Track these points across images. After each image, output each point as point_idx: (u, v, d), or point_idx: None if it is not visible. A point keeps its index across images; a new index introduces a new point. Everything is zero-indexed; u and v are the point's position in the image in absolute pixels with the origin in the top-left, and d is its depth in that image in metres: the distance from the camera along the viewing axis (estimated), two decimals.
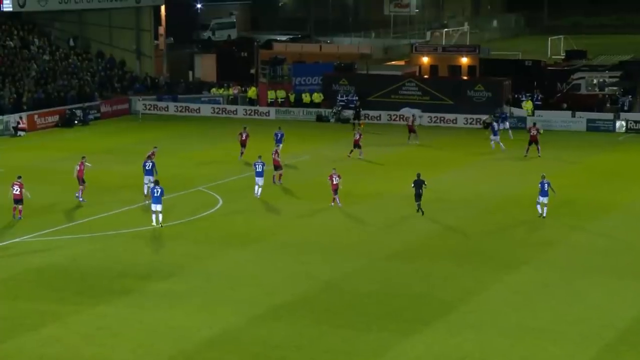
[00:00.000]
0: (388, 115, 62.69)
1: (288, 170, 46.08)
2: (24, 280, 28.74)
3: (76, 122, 61.49)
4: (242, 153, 48.09)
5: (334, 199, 38.84)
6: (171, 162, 48.21)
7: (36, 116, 60.15)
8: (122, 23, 73.43)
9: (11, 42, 68.18)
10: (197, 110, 66.99)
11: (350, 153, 49.17)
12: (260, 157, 41.18)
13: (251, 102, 68.79)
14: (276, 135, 49.44)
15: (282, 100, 67.71)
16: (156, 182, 36.27)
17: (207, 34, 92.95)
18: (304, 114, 65.09)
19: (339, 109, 63.61)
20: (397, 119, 62.27)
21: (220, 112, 66.86)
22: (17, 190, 36.26)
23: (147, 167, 39.78)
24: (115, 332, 24.80)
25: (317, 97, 66.63)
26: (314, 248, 32.95)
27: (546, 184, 36.94)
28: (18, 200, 36.30)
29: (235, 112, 66.58)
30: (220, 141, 49.09)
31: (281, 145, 47.45)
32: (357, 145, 49.05)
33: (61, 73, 67.46)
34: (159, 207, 35.37)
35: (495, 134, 51.29)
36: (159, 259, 31.36)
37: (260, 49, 77.05)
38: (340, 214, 37.78)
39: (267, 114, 66.01)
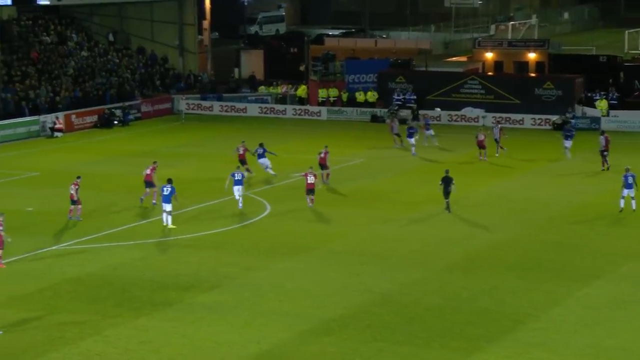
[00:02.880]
0: (448, 115, 62.47)
1: (339, 174, 46.20)
2: (62, 291, 29.17)
3: (115, 122, 62.27)
4: (247, 170, 44.22)
5: (311, 199, 39.40)
6: (215, 166, 48.58)
7: (73, 116, 61.03)
8: (164, 17, 74.16)
9: (48, 38, 69.27)
10: (244, 110, 67.38)
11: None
12: (238, 167, 41.47)
13: (301, 101, 69.02)
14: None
15: (334, 99, 67.82)
16: (168, 181, 36.58)
17: (254, 29, 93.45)
18: (358, 114, 65.14)
19: (396, 108, 63.53)
20: (459, 119, 62.04)
21: (268, 111, 67.19)
22: (72, 189, 37.33)
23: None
24: (157, 347, 25.04)
25: (372, 96, 66.65)
26: (368, 258, 32.95)
27: (630, 177, 36.53)
28: (74, 201, 37.29)
29: (284, 112, 66.88)
30: (268, 143, 49.18)
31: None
32: (481, 146, 48.90)
33: (100, 70, 68.36)
34: (167, 207, 35.97)
35: (567, 138, 49.30)
36: (203, 269, 31.59)
37: (311, 44, 77.27)
38: (395, 222, 37.74)
39: (318, 114, 66.16)
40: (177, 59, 74.44)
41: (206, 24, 77.28)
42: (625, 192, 36.44)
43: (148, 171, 40.42)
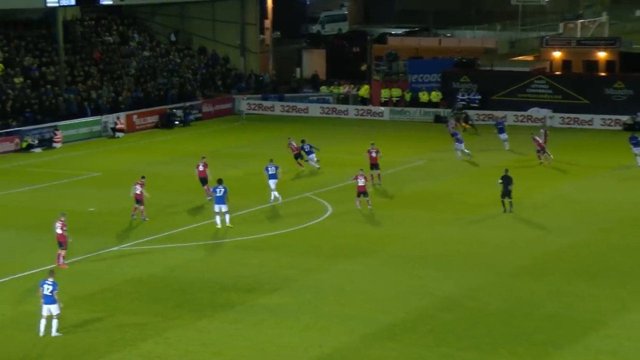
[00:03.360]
0: (514, 116, 61.87)
1: (401, 175, 46.06)
2: (123, 292, 29.48)
3: (176, 122, 62.81)
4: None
5: (367, 201, 39.23)
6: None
7: (135, 116, 61.71)
8: (226, 16, 74.64)
9: (110, 38, 70.16)
10: (305, 111, 67.50)
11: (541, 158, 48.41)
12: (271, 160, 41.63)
13: (363, 101, 68.95)
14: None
15: (397, 99, 67.63)
16: (219, 182, 36.79)
17: (316, 28, 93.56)
18: (421, 115, 64.86)
19: (460, 108, 63.06)
20: (525, 119, 61.41)
21: (330, 112, 67.22)
22: (138, 190, 37.78)
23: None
24: (219, 350, 25.15)
25: (435, 96, 66.32)
26: (432, 261, 32.76)
27: None
28: (138, 200, 37.77)
29: (346, 113, 66.86)
30: (329, 144, 49.34)
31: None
32: (542, 150, 48.01)
33: (161, 70, 69.03)
34: (223, 208, 36.21)
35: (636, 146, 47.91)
36: (264, 271, 31.67)
37: (374, 43, 77.08)
38: (458, 224, 37.47)
39: (381, 114, 66.02)
40: (238, 59, 74.87)
41: (268, 23, 77.54)
42: None
43: (201, 167, 41.17)
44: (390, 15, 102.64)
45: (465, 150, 49.92)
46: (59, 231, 31.70)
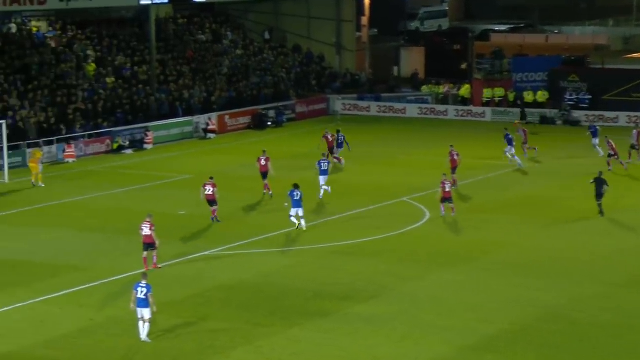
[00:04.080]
0: (627, 117, 60.61)
1: (503, 179, 45.54)
2: (213, 298, 29.79)
3: (269, 123, 63.29)
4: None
5: (451, 207, 38.88)
6: (371, 169, 48.70)
7: (227, 117, 62.40)
8: (321, 13, 74.90)
9: (203, 36, 71.09)
10: (402, 111, 67.34)
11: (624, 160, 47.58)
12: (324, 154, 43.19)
13: (464, 101, 68.45)
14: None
15: (500, 99, 66.94)
16: (295, 186, 37.31)
17: (415, 25, 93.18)
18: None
19: (568, 109, 62.10)
20: None
21: (429, 112, 66.92)
22: (209, 190, 38.08)
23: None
24: None
25: (541, 96, 65.42)
26: (535, 269, 32.33)
27: None
28: (212, 201, 38.07)
29: (445, 113, 66.48)
30: (427, 146, 49.10)
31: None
32: (615, 154, 47.07)
33: (254, 69, 69.65)
34: (300, 212, 37.14)
35: None
36: (359, 278, 31.65)
37: (476, 40, 76.48)
38: (562, 231, 36.89)
39: (482, 115, 65.43)
40: (333, 57, 75.06)
41: (365, 20, 77.58)
42: None
43: (263, 162, 42.50)
44: (492, 11, 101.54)
45: (515, 158, 48.77)
46: (147, 232, 32.15)
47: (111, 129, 56.01)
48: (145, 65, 63.11)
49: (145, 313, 26.13)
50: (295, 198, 37.28)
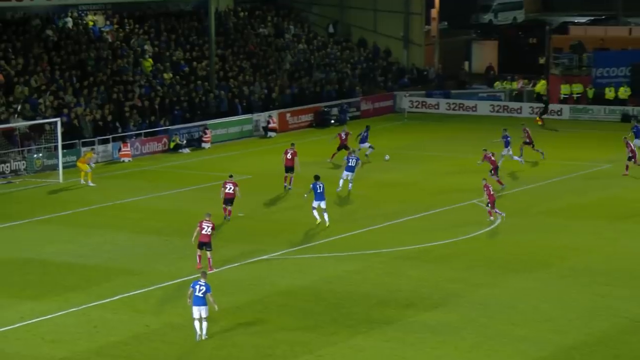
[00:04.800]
0: None
1: (583, 180, 45.00)
2: (273, 304, 29.82)
3: (332, 121, 63.27)
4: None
5: (491, 212, 38.70)
6: (439, 170, 48.43)
7: (288, 115, 62.52)
8: (389, 6, 74.75)
9: (264, 30, 71.34)
10: (473, 108, 66.92)
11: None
12: (354, 150, 44.20)
13: (539, 98, 67.73)
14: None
15: (578, 95, 66.19)
16: (317, 178, 38.18)
17: (487, 17, 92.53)
18: (606, 113, 63.30)
19: None
20: None
21: (501, 110, 66.42)
22: (230, 189, 38.76)
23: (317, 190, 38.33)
24: None
25: (624, 92, 64.56)
26: (617, 277, 31.94)
27: None
28: (230, 200, 38.86)
29: (519, 111, 65.91)
30: (499, 146, 48.62)
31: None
32: (633, 157, 46.06)
33: (317, 65, 69.70)
34: (322, 204, 37.87)
35: None
36: (425, 285, 31.48)
37: (553, 33, 75.64)
38: None
39: (559, 112, 64.75)
40: (401, 52, 74.86)
41: (434, 12, 77.17)
42: None
43: (289, 155, 43.67)
44: (572, 1, 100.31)
45: (515, 158, 48.31)
46: (208, 232, 32.44)
47: (168, 127, 56.42)
48: (204, 61, 63.49)
49: (203, 312, 26.56)
50: (318, 191, 37.94)
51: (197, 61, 63.70)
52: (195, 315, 26.66)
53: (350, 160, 43.55)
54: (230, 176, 39.73)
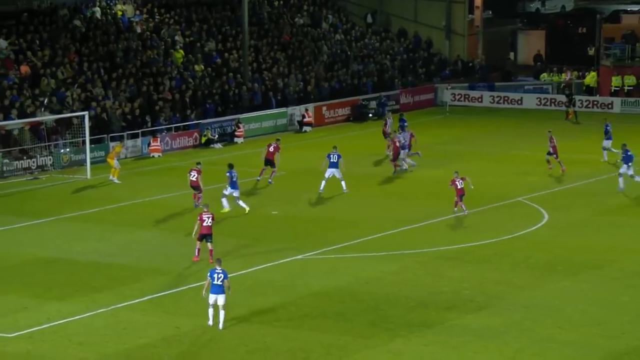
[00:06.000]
0: None
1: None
2: (307, 306, 29.91)
3: (370, 115, 63.28)
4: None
5: (457, 204, 39.52)
6: (482, 167, 48.30)
7: (324, 108, 62.60)
8: None
9: (300, 20, 71.43)
10: (518, 102, 66.71)
11: None
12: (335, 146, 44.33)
13: (589, 90, 67.52)
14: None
15: (630, 88, 65.76)
16: (230, 166, 40.16)
17: (534, 6, 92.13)
18: None
19: None
20: None
21: (548, 103, 66.16)
22: (194, 176, 40.47)
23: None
24: None
25: None
26: None
27: None
28: (196, 187, 40.62)
29: (567, 104, 65.45)
30: (542, 140, 48.45)
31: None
32: None
33: (355, 56, 69.71)
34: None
35: None
36: (467, 286, 31.45)
37: (604, 22, 75.17)
38: None
39: (610, 105, 64.44)
40: (442, 43, 74.73)
41: (478, 1, 77.00)
42: None
43: (271, 149, 45.51)
44: None
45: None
46: (209, 223, 33.46)
47: (199, 121, 56.68)
48: (237, 52, 63.67)
49: (220, 299, 27.39)
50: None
51: (229, 52, 63.89)
52: (211, 301, 27.53)
53: (332, 156, 43.41)
54: (198, 164, 41.83)
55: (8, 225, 39.18)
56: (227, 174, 40.18)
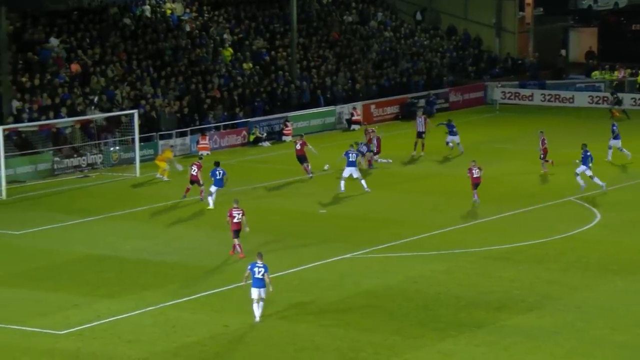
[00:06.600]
0: None
1: None
2: (356, 305, 29.90)
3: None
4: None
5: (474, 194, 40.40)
6: (532, 166, 48.01)
7: (373, 106, 62.55)
8: None
9: (349, 17, 71.39)
10: (570, 100, 66.23)
11: None
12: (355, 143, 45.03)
13: None
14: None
15: None
16: (217, 164, 40.80)
17: (586, 2, 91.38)
18: None
19: None
20: None
21: (601, 101, 65.60)
22: (194, 170, 41.74)
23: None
24: None
25: None
26: None
27: None
28: (195, 181, 41.79)
29: (620, 103, 64.89)
30: (597, 140, 48.12)
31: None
32: None
33: (404, 54, 69.56)
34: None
35: None
36: (518, 287, 31.29)
37: None
38: None
39: None
40: (492, 40, 74.36)
41: None
42: None
43: (298, 146, 46.38)
44: None
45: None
46: (238, 219, 33.65)
47: (248, 120, 56.83)
48: (286, 50, 63.77)
49: (262, 293, 27.93)
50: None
51: (277, 50, 63.99)
52: (254, 296, 27.96)
53: (350, 155, 43.17)
54: (200, 158, 43.72)
55: (58, 223, 39.55)
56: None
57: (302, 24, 66.48)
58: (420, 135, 51.56)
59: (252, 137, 56.14)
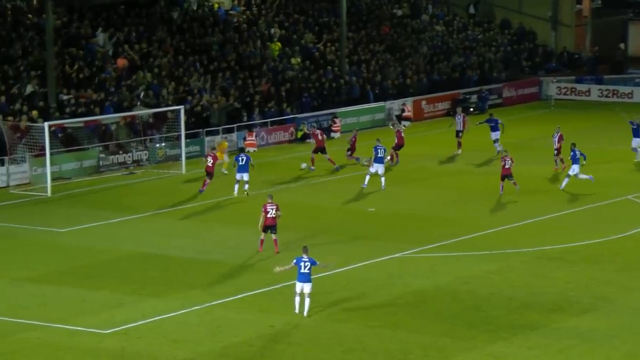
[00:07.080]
0: None
1: None
2: (404, 305, 29.88)
3: (471, 109, 62.83)
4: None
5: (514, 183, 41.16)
6: (588, 164, 47.60)
7: (424, 102, 62.39)
8: None
9: (400, 11, 71.26)
10: (629, 95, 65.71)
11: None
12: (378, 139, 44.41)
13: None
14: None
15: None
16: (241, 150, 41.07)
17: None
18: None
19: None
20: None
21: None
22: (210, 162, 42.85)
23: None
24: None
25: None
26: None
27: None
28: (210, 172, 42.74)
29: None
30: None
31: None
32: None
33: (456, 48, 69.31)
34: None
35: None
36: (573, 288, 31.13)
37: None
38: None
39: None
40: (548, 34, 73.92)
41: None
42: None
43: (319, 137, 47.57)
44: None
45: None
46: (273, 214, 33.98)
47: (295, 116, 56.88)
48: (335, 44, 63.75)
49: (307, 287, 28.34)
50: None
51: (327, 45, 63.99)
52: (297, 289, 28.36)
53: (379, 150, 43.11)
54: (213, 149, 44.97)
55: (104, 220, 39.86)
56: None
57: (352, 17, 66.41)
58: (457, 134, 51.24)
59: (299, 134, 56.17)
